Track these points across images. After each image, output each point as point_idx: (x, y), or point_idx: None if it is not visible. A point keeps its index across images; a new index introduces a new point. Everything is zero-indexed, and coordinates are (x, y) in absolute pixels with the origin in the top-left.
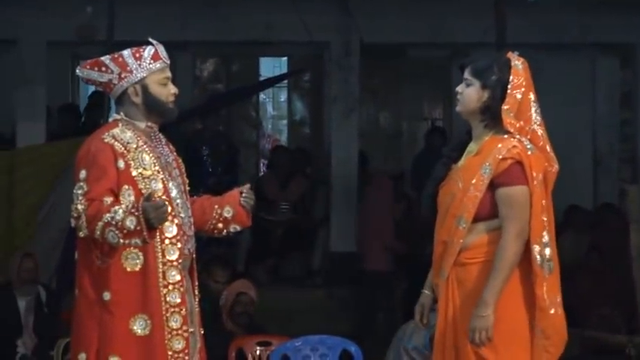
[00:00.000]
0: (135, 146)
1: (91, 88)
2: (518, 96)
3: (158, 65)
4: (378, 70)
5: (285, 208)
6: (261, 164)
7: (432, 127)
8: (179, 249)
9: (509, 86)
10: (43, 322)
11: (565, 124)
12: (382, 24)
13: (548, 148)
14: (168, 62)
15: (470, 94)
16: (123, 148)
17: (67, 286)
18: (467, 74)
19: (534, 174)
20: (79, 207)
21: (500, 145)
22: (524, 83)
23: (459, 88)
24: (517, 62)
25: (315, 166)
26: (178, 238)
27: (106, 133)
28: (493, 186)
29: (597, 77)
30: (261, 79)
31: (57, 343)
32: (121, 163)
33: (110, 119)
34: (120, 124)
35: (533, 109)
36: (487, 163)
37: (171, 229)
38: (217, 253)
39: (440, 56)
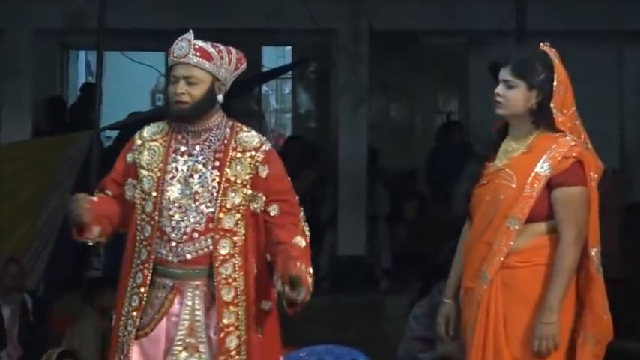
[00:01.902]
0: (152, 143)
1: (82, 80)
2: (561, 92)
3: (170, 61)
4: (389, 59)
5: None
6: None
7: (448, 122)
8: (148, 252)
9: (554, 83)
10: (28, 332)
11: (590, 116)
12: (393, 10)
13: (589, 144)
14: (180, 59)
15: (516, 96)
16: (140, 143)
17: (58, 291)
18: (507, 75)
19: (591, 174)
20: None
21: (556, 144)
22: (565, 79)
23: (499, 91)
24: (553, 56)
25: (321, 163)
26: (151, 240)
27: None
28: (550, 186)
29: (625, 67)
30: (264, 69)
31: (46, 353)
32: (130, 157)
33: None
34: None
35: (574, 106)
36: (544, 162)
37: (146, 230)
38: None
39: (456, 44)
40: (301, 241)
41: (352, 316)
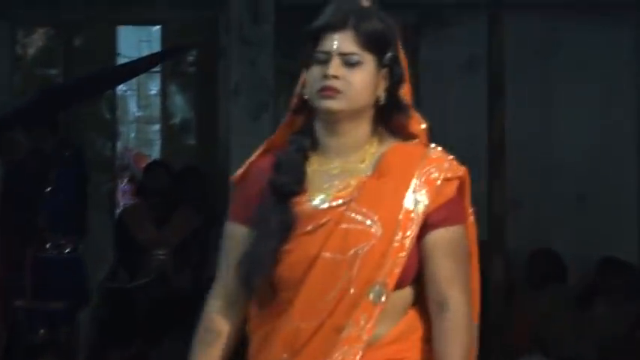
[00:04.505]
0: None
1: None
2: (407, 75)
3: None
4: (303, 45)
5: (162, 258)
6: (120, 192)
7: None
8: None
9: (401, 61)
10: None
11: (599, 115)
12: None
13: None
14: None
15: (362, 79)
16: None
17: None
18: (350, 45)
19: (469, 203)
20: None
21: (428, 160)
22: (404, 56)
23: (335, 71)
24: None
25: (206, 195)
26: None
27: None
28: (425, 226)
29: None
30: (120, 61)
31: None
32: None
33: None
34: None
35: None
36: (417, 189)
37: None
38: (48, 337)
39: (402, 22)
40: None
41: None
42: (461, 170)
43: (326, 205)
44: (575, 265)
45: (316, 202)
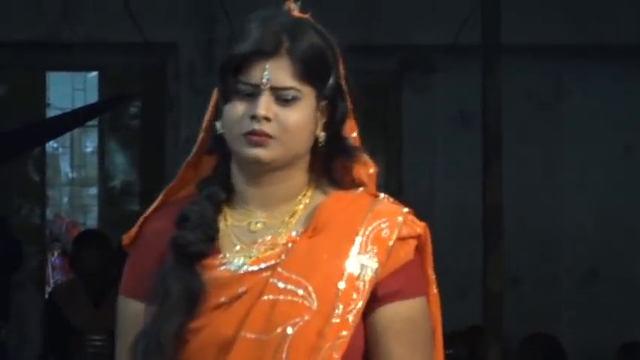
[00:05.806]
0: None
1: None
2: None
3: None
4: None
5: (98, 344)
6: (49, 266)
7: None
8: None
9: (343, 88)
10: None
11: (614, 177)
12: None
13: None
14: None
15: (300, 119)
16: None
17: None
18: (283, 78)
19: (430, 269)
20: None
21: (375, 213)
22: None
23: (263, 111)
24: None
25: None
26: None
27: None
28: (375, 299)
29: None
30: (50, 112)
31: None
32: None
33: None
34: None
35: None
36: (363, 251)
37: None
38: None
39: (381, 69)
40: None
41: None
42: (419, 226)
43: (244, 270)
44: (587, 352)
45: (232, 266)
